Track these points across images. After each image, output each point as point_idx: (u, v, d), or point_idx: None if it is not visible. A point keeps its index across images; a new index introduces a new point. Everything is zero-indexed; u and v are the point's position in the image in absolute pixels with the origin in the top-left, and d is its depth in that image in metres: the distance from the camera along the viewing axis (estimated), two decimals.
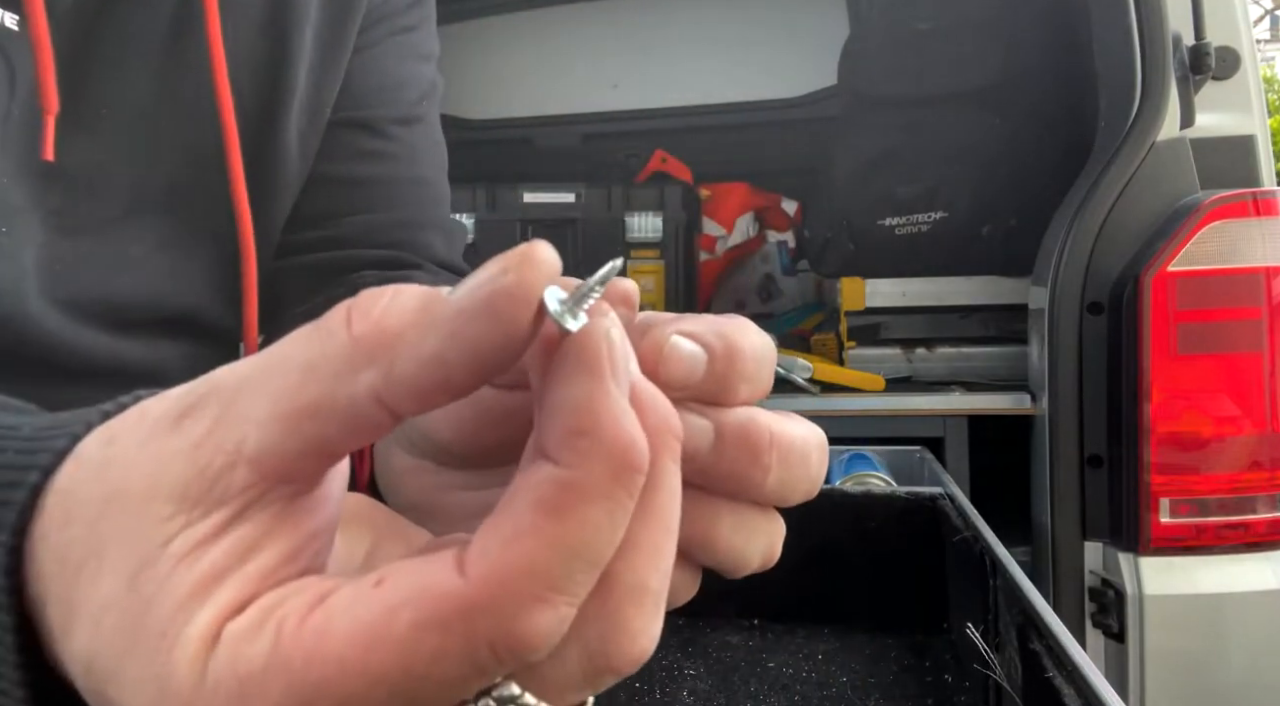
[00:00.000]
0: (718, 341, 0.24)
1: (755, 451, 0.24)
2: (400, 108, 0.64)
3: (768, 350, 0.26)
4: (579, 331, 0.20)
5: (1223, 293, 1.22)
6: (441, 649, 0.19)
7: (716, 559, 0.25)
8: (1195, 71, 1.29)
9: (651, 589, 0.21)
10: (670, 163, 2.34)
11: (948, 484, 1.03)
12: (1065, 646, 0.53)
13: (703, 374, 0.24)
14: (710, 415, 0.24)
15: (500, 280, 0.20)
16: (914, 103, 1.79)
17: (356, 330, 0.20)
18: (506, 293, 0.20)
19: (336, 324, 0.20)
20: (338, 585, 0.20)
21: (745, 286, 2.41)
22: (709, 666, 0.80)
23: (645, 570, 0.21)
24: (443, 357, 0.20)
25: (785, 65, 2.44)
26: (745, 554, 0.25)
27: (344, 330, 0.20)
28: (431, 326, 0.20)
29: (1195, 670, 1.22)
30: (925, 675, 0.79)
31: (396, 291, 0.21)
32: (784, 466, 0.25)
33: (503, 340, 0.20)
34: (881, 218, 1.75)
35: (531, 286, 0.20)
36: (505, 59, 2.56)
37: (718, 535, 0.25)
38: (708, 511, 0.25)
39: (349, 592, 0.20)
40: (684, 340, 0.24)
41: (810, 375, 1.63)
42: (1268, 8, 12.60)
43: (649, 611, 0.21)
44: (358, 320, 0.20)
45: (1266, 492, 1.21)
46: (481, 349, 0.20)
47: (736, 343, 0.25)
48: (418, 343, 0.20)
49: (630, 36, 2.51)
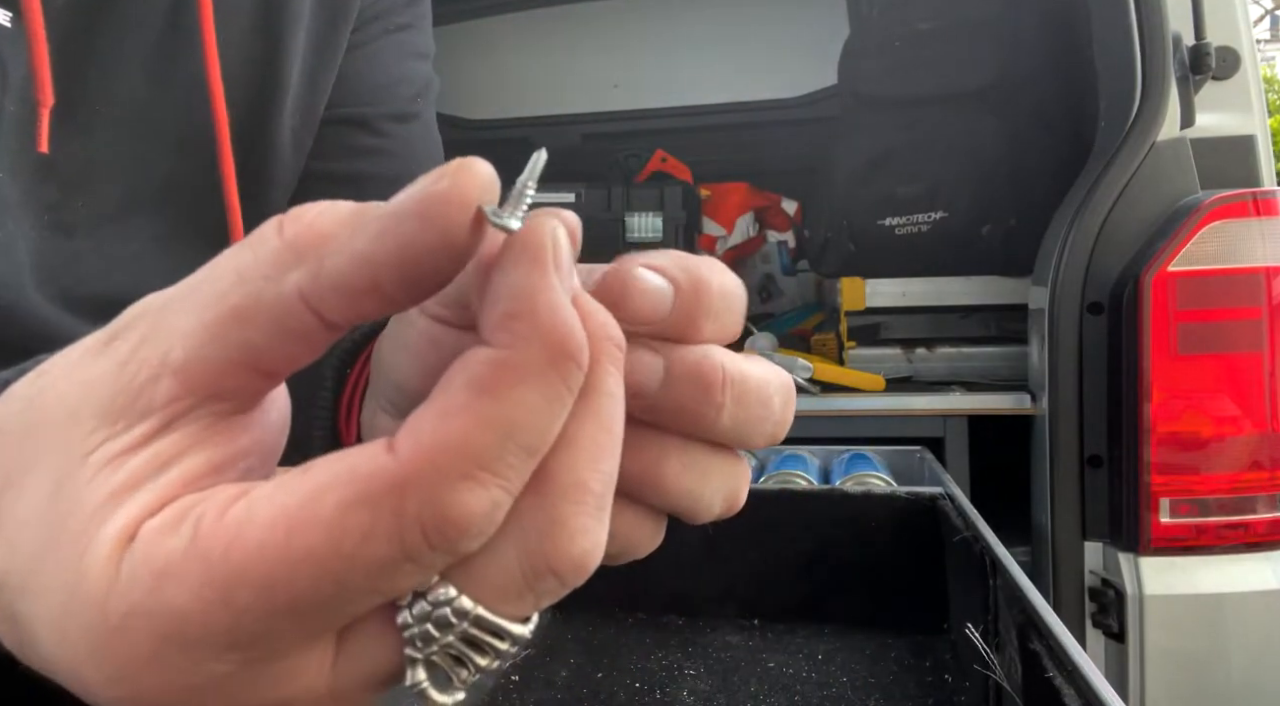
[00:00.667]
0: (684, 275, 0.24)
1: (708, 388, 0.23)
2: (396, 104, 0.64)
3: (737, 289, 0.25)
4: (522, 227, 0.20)
5: (1223, 293, 1.22)
6: (370, 527, 0.18)
7: (669, 500, 0.25)
8: (1195, 71, 1.29)
9: (592, 489, 0.21)
10: (670, 163, 2.34)
11: (948, 484, 1.03)
12: (1065, 646, 0.53)
13: (669, 308, 0.23)
14: (663, 350, 0.23)
15: (434, 185, 0.19)
16: (914, 103, 1.79)
17: (288, 233, 0.20)
18: (440, 195, 0.19)
19: (268, 231, 0.21)
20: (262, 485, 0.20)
21: (745, 286, 2.40)
22: (709, 666, 0.80)
23: (584, 469, 0.21)
24: (371, 257, 0.20)
25: (785, 65, 2.44)
26: (699, 495, 0.25)
27: (275, 236, 0.20)
28: (361, 227, 0.20)
29: (1195, 670, 1.22)
30: (925, 675, 0.79)
31: (332, 203, 0.21)
32: (740, 405, 0.24)
33: (435, 243, 0.19)
34: (881, 218, 1.75)
35: (465, 192, 0.19)
36: (505, 59, 2.56)
37: (665, 472, 0.24)
38: (654, 448, 0.24)
39: (272, 484, 0.20)
40: (649, 273, 0.23)
41: (810, 375, 1.63)
42: (1268, 8, 12.60)
43: (589, 512, 0.21)
44: (289, 225, 0.20)
45: (1266, 492, 1.21)
46: (412, 251, 0.19)
47: (704, 278, 0.24)
48: (347, 241, 0.20)
49: (630, 36, 2.51)
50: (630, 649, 0.95)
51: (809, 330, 2.05)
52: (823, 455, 1.48)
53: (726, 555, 1.06)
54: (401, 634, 0.21)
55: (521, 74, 2.55)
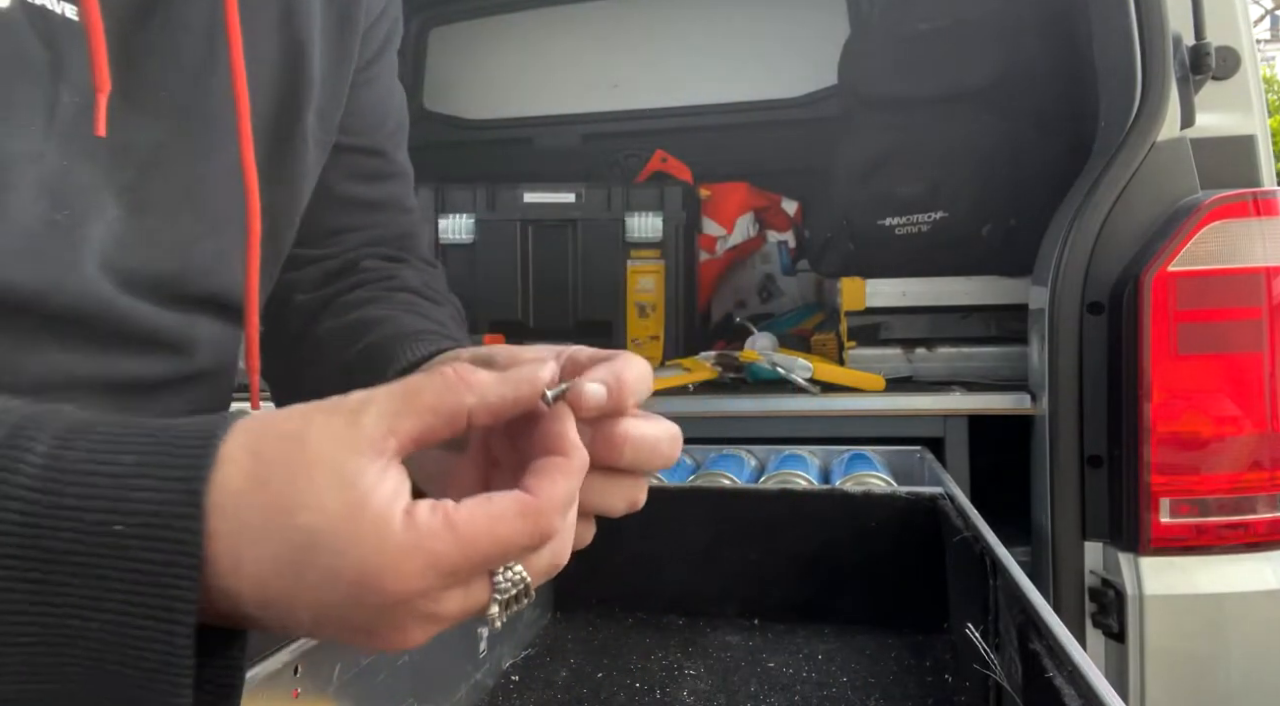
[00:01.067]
0: (613, 378, 0.42)
1: (614, 445, 0.43)
2: (399, 132, 0.74)
3: (646, 372, 0.44)
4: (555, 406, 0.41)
5: (1223, 293, 1.22)
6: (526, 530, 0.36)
7: (592, 507, 0.44)
8: (1195, 71, 1.29)
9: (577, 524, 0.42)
10: (670, 163, 2.34)
11: (948, 484, 1.03)
12: (1065, 646, 0.53)
13: (606, 401, 0.42)
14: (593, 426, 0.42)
15: (536, 378, 0.40)
16: (914, 103, 1.79)
17: (466, 378, 0.38)
18: (537, 387, 0.40)
19: (453, 377, 0.38)
20: (474, 498, 0.37)
21: (745, 286, 2.41)
22: (709, 666, 0.80)
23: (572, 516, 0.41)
24: (504, 398, 0.39)
25: (785, 65, 2.44)
26: (611, 504, 0.44)
27: (457, 378, 0.38)
28: (502, 383, 0.39)
29: (1195, 670, 1.22)
30: (925, 675, 0.79)
31: (484, 373, 0.39)
32: (635, 451, 0.43)
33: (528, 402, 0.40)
34: (881, 217, 1.75)
35: (542, 387, 0.40)
36: (505, 59, 2.56)
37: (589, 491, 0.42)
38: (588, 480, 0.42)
39: (481, 498, 0.36)
40: (591, 385, 0.41)
41: (810, 375, 1.63)
42: (1268, 8, 12.60)
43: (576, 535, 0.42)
44: (466, 374, 0.38)
45: (1267, 492, 1.21)
46: (520, 403, 0.39)
47: (624, 376, 0.43)
48: (495, 388, 0.39)
49: (630, 36, 2.51)
50: (630, 649, 0.95)
51: (809, 330, 2.05)
52: (823, 455, 1.48)
53: (726, 555, 1.06)
54: (494, 587, 0.38)
55: (521, 74, 2.55)
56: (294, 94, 0.59)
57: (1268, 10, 12.73)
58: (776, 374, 1.65)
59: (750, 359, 1.69)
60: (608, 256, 1.99)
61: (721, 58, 2.47)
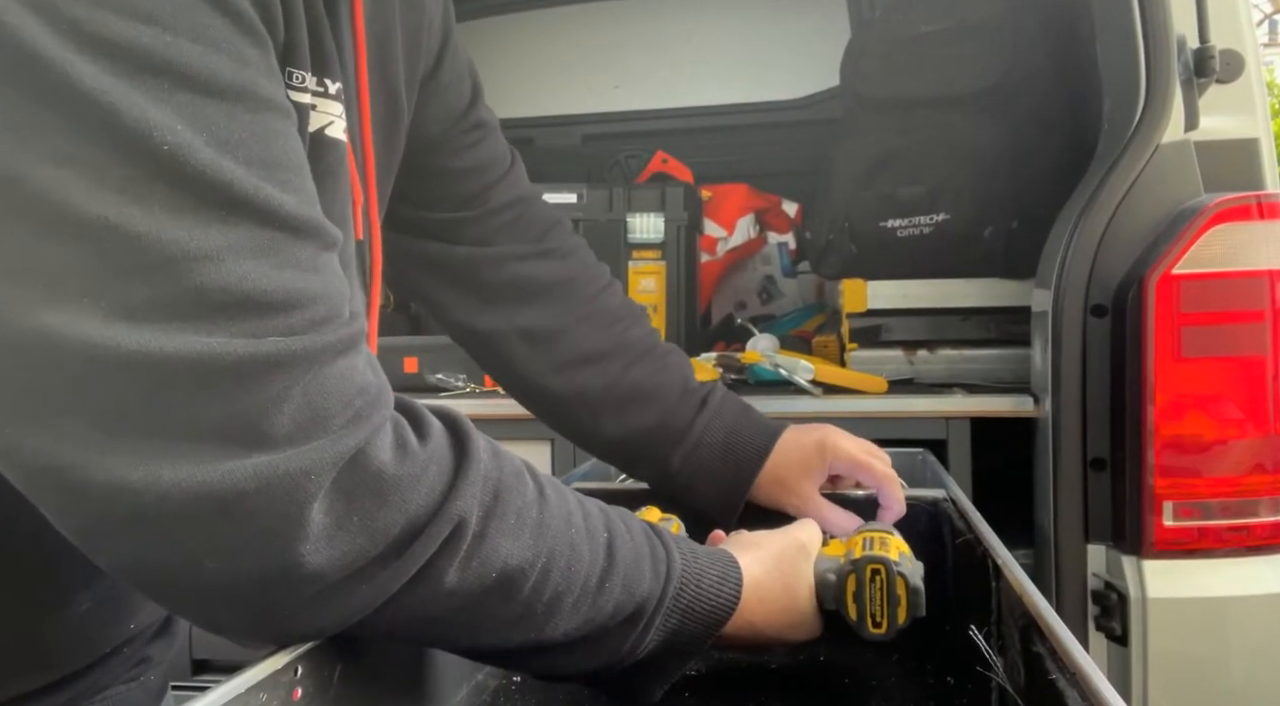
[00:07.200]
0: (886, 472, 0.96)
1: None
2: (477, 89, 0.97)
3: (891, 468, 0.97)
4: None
5: (1227, 296, 1.22)
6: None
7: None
8: (1199, 74, 1.29)
9: None
10: (671, 164, 2.34)
11: (950, 486, 1.03)
12: (1068, 649, 0.53)
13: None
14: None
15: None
16: (915, 105, 1.79)
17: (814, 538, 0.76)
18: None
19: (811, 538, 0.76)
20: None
21: (746, 287, 2.40)
22: (710, 666, 0.79)
23: None
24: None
25: (786, 67, 2.44)
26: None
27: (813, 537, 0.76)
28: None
29: (1198, 673, 1.22)
30: (927, 677, 0.78)
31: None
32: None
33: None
34: (883, 219, 1.75)
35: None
36: (505, 59, 2.55)
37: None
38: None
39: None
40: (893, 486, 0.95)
41: (812, 377, 1.63)
42: (1267, 12, 12.61)
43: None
44: (811, 541, 0.75)
45: (1270, 496, 1.21)
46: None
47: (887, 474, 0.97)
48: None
49: (631, 37, 2.51)
50: None
51: (810, 332, 2.05)
52: None
53: None
54: None
55: (521, 74, 2.55)
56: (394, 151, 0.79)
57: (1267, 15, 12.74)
58: (778, 375, 1.65)
59: (752, 360, 1.69)
60: (609, 257, 1.97)
61: (722, 59, 2.47)
